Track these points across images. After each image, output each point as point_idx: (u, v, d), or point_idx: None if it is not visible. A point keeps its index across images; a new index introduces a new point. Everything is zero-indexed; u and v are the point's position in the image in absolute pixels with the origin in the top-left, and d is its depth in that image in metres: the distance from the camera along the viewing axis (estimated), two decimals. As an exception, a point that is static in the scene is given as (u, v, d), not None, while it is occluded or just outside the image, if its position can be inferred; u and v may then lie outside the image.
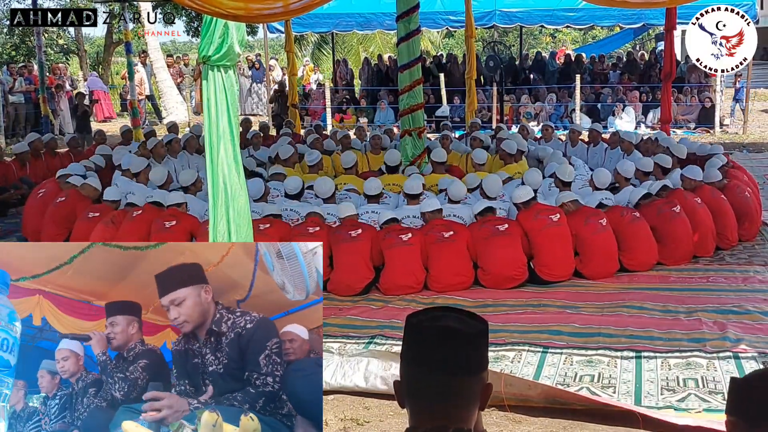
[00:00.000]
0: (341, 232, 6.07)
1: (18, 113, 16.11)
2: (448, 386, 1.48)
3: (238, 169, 4.14)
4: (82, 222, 6.87)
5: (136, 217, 6.55)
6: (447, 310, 1.56)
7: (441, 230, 6.04)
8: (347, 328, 5.24)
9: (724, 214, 6.86)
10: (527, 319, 5.32)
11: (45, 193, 7.72)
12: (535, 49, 28.61)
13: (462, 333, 1.50)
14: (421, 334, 1.52)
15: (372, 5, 15.97)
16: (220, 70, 4.08)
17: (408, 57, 8.32)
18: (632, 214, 6.45)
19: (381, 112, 16.24)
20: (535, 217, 6.14)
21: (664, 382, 4.29)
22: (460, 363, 1.49)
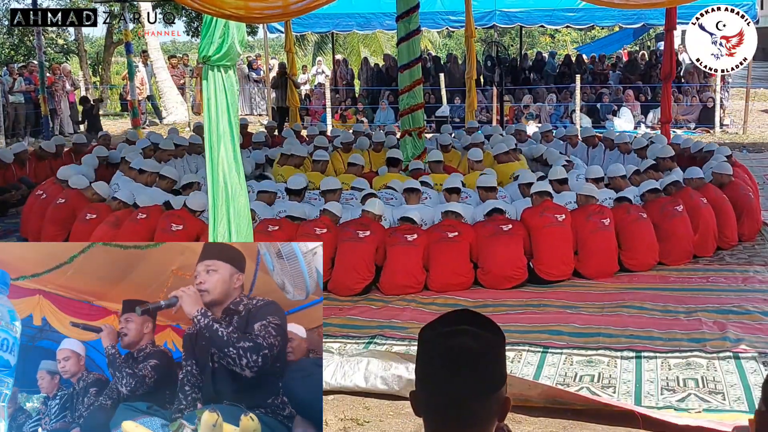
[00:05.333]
0: (349, 230, 6.06)
1: (18, 113, 16.10)
2: (464, 408, 1.44)
3: (238, 169, 4.14)
4: (81, 224, 6.85)
5: (141, 221, 6.52)
6: (461, 322, 1.50)
7: (446, 230, 6.04)
8: (347, 328, 5.25)
9: (725, 212, 6.88)
10: (527, 319, 5.32)
11: (45, 195, 7.71)
12: (535, 49, 28.60)
13: (478, 353, 1.45)
14: (435, 354, 1.47)
15: (372, 5, 15.97)
16: (220, 70, 4.08)
17: (408, 57, 8.32)
18: (638, 213, 6.44)
19: (381, 112, 16.24)
20: (541, 214, 6.16)
21: (664, 382, 4.29)
22: (477, 385, 1.44)
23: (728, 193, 7.08)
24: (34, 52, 18.46)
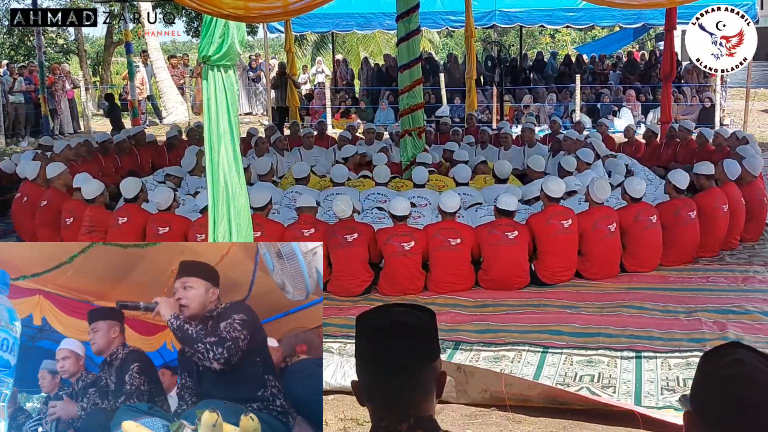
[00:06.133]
0: (337, 236, 5.92)
1: (18, 113, 16.10)
2: (403, 382, 1.50)
3: (238, 169, 4.14)
4: (65, 231, 6.80)
5: (122, 225, 6.43)
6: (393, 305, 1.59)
7: (448, 236, 5.89)
8: (347, 328, 5.23)
9: (737, 217, 6.75)
10: (527, 319, 5.32)
11: (27, 198, 7.60)
12: (535, 49, 28.60)
13: (409, 326, 1.52)
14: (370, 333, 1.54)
15: (372, 5, 15.96)
16: (220, 70, 4.07)
17: (408, 57, 8.31)
18: (649, 218, 6.23)
19: (381, 112, 16.24)
20: (547, 222, 6.00)
21: (664, 382, 4.29)
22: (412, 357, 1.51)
23: (746, 193, 6.89)
24: (34, 52, 18.46)
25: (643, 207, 6.29)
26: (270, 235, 5.83)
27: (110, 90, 19.79)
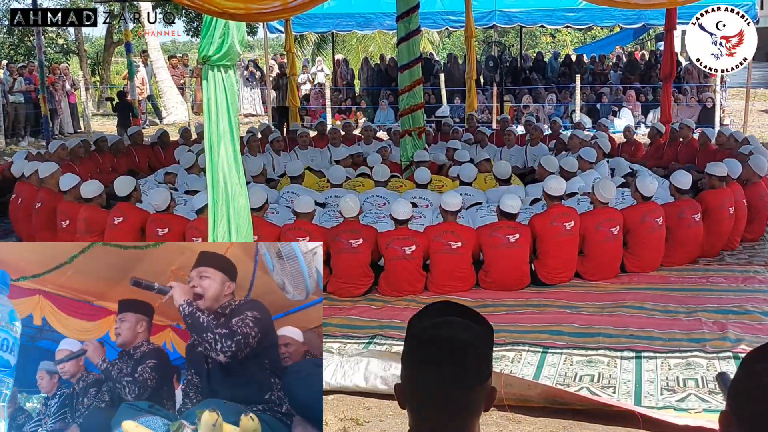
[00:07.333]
0: (341, 239, 5.89)
1: (18, 113, 16.10)
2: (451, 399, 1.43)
3: (238, 169, 4.14)
4: (62, 233, 6.77)
5: (119, 224, 6.42)
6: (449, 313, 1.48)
7: (449, 239, 5.86)
8: (347, 328, 5.24)
9: (739, 219, 6.75)
10: (527, 319, 5.32)
11: (22, 199, 7.57)
12: (535, 49, 28.60)
13: (466, 344, 1.43)
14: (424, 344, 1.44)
15: (372, 5, 15.96)
16: (220, 70, 4.08)
17: (408, 57, 8.31)
18: (656, 220, 6.19)
19: (381, 112, 16.24)
20: (551, 224, 5.97)
21: (664, 382, 4.29)
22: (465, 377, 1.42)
23: (748, 194, 6.88)
24: (34, 52, 18.46)
25: (651, 208, 6.25)
26: (265, 239, 5.81)
27: (111, 90, 19.80)
